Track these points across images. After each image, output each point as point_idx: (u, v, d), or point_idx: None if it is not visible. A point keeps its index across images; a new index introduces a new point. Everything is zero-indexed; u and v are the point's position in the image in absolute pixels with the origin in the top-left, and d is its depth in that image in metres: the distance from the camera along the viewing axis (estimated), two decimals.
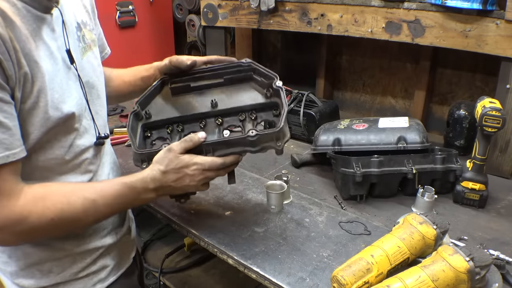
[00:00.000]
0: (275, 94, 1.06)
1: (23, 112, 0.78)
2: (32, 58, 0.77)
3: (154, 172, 0.92)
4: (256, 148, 0.96)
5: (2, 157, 0.73)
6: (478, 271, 0.81)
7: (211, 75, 1.13)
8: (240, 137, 0.96)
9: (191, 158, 0.93)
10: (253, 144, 0.96)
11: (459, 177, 1.26)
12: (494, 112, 1.15)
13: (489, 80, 1.66)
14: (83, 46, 0.97)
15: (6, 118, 0.73)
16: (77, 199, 0.83)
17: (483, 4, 1.28)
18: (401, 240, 0.91)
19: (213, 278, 1.86)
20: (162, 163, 0.92)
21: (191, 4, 2.42)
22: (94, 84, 1.00)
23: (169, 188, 0.94)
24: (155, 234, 2.13)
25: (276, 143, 0.96)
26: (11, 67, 0.73)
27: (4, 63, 0.71)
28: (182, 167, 0.92)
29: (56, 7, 0.86)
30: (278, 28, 1.81)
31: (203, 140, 0.94)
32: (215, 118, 1.10)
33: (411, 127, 1.35)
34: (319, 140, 1.43)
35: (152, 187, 0.91)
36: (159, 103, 1.12)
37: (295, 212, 1.23)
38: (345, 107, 2.15)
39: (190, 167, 0.92)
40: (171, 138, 1.09)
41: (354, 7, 1.57)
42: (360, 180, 1.22)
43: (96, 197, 0.86)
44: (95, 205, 0.85)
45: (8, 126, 0.74)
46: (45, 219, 0.79)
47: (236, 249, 1.06)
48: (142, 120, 1.08)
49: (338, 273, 0.86)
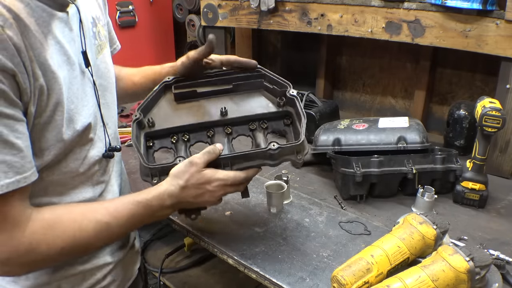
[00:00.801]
0: (289, 103, 1.02)
1: (37, 127, 0.72)
2: (49, 68, 0.70)
3: (173, 187, 0.85)
4: (275, 162, 0.92)
5: (13, 182, 0.67)
6: (478, 271, 0.81)
7: (218, 81, 1.06)
8: (261, 150, 0.91)
9: (213, 173, 0.88)
10: (273, 158, 0.91)
11: (459, 177, 1.26)
12: (494, 112, 1.15)
13: (489, 80, 1.66)
14: (99, 43, 0.91)
15: (18, 138, 0.67)
16: (89, 223, 0.77)
17: (483, 4, 1.28)
18: (401, 240, 0.91)
19: (213, 278, 1.86)
20: (183, 177, 0.86)
21: (191, 4, 2.42)
22: (108, 86, 0.94)
23: (186, 204, 0.89)
24: (155, 234, 2.13)
25: (297, 156, 0.93)
26: (26, 79, 0.66)
27: (19, 76, 0.65)
28: (204, 183, 0.87)
29: (73, 3, 0.78)
30: (278, 28, 1.81)
31: (222, 150, 0.90)
32: (224, 127, 1.02)
33: (411, 127, 1.35)
34: (319, 140, 1.43)
35: (169, 203, 0.86)
36: (162, 109, 1.03)
37: (295, 212, 1.23)
38: (345, 107, 2.15)
39: (212, 183, 0.87)
40: (176, 149, 1.01)
41: (354, 7, 1.57)
42: (360, 180, 1.22)
43: (110, 219, 0.80)
44: (108, 228, 0.80)
45: (19, 147, 0.67)
46: (55, 248, 0.74)
47: (236, 249, 1.06)
48: (145, 128, 0.99)
49: (338, 273, 0.86)
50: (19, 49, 0.65)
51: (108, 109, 0.94)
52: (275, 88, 1.04)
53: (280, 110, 1.03)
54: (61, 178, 0.81)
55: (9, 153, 0.66)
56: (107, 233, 0.81)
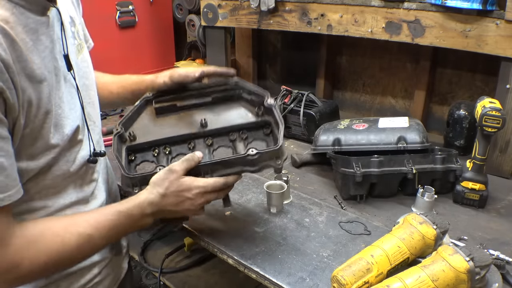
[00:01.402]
0: (267, 112, 1.04)
1: (27, 136, 0.72)
2: (35, 79, 0.71)
3: (152, 195, 0.86)
4: (255, 168, 0.94)
5: None
6: (478, 271, 0.81)
7: (198, 94, 1.08)
8: (240, 156, 0.93)
9: (193, 180, 0.88)
10: (253, 164, 0.93)
11: (459, 177, 1.26)
12: (494, 112, 1.15)
13: (489, 80, 1.66)
14: (78, 43, 0.91)
15: (2, 157, 0.66)
16: (71, 237, 0.77)
17: (483, 4, 1.28)
18: (401, 240, 0.91)
19: (213, 278, 1.86)
20: (162, 185, 0.87)
21: (191, 4, 2.42)
22: (90, 84, 0.94)
23: (167, 212, 0.89)
24: (155, 234, 2.13)
25: (276, 162, 0.94)
26: (14, 95, 0.66)
27: (7, 93, 0.65)
28: (183, 190, 0.87)
29: (54, 6, 0.78)
30: (278, 28, 1.81)
31: (202, 158, 0.91)
32: (205, 139, 1.05)
33: (411, 127, 1.35)
34: (319, 140, 1.43)
35: (149, 211, 0.86)
36: (144, 123, 1.05)
37: (295, 212, 1.23)
38: (345, 107, 2.15)
39: (192, 191, 0.88)
40: (158, 162, 1.02)
41: (354, 7, 1.57)
42: (360, 180, 1.22)
43: (92, 231, 0.79)
44: (91, 240, 0.79)
45: (3, 166, 0.66)
46: (37, 263, 0.73)
47: (236, 249, 1.06)
48: (126, 142, 1.01)
49: (338, 273, 0.86)
50: (7, 65, 0.65)
51: (93, 107, 0.95)
52: (252, 99, 1.06)
53: (259, 120, 1.05)
54: (54, 180, 0.81)
55: None
56: (89, 245, 0.80)
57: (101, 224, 0.81)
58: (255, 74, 2.39)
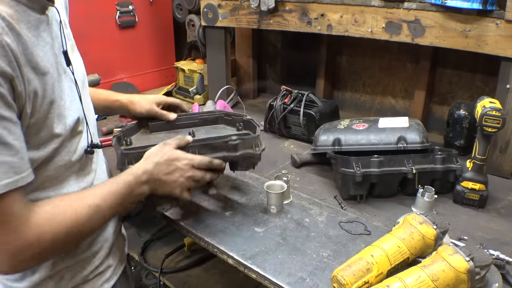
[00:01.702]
0: (246, 125, 1.23)
1: (33, 126, 0.76)
2: (40, 71, 0.75)
3: (146, 164, 0.96)
4: (236, 154, 1.08)
5: (12, 182, 0.70)
6: (478, 271, 0.81)
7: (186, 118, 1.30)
8: (223, 140, 1.08)
9: (182, 153, 1.01)
10: (235, 149, 1.08)
11: (459, 177, 1.26)
12: (494, 112, 1.15)
13: (489, 80, 1.66)
14: (72, 43, 0.96)
15: (15, 140, 0.71)
16: (83, 209, 0.83)
17: (483, 4, 1.28)
18: (401, 240, 0.91)
19: (213, 278, 1.86)
20: (156, 155, 0.98)
21: (191, 4, 2.42)
22: (84, 82, 0.99)
23: (160, 182, 0.97)
24: (155, 234, 2.13)
25: (255, 149, 1.10)
26: (22, 83, 0.71)
27: (15, 81, 0.69)
28: (174, 160, 0.98)
29: (53, 6, 0.83)
30: (278, 28, 1.81)
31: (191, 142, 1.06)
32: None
33: (411, 127, 1.35)
34: (319, 140, 1.43)
35: (144, 179, 0.94)
36: (139, 136, 1.24)
37: (295, 212, 1.23)
38: (345, 107, 2.15)
39: (181, 161, 0.99)
40: None
41: (354, 7, 1.57)
42: (360, 180, 1.22)
43: (99, 202, 0.86)
44: (99, 210, 0.86)
45: (17, 148, 0.71)
46: (59, 235, 0.79)
47: (236, 249, 1.06)
48: (123, 145, 1.13)
49: (338, 273, 0.86)
50: (16, 55, 0.69)
51: (88, 104, 1.00)
52: (234, 118, 1.28)
53: (240, 132, 1.18)
54: (57, 171, 0.85)
55: (8, 154, 0.70)
56: (98, 216, 0.86)
57: (105, 194, 0.88)
58: (255, 74, 2.39)
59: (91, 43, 2.12)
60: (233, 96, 2.13)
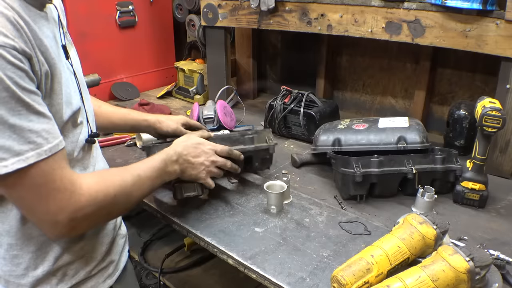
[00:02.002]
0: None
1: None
2: (49, 56, 0.78)
3: (176, 147, 1.10)
4: (252, 146, 1.28)
5: (54, 146, 0.75)
6: (478, 271, 0.81)
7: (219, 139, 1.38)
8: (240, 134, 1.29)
9: (206, 140, 1.18)
10: (251, 141, 1.28)
11: (459, 177, 1.26)
12: (494, 112, 1.15)
13: (489, 80, 1.66)
14: (69, 41, 0.98)
15: (44, 108, 0.75)
16: (127, 177, 0.92)
17: (483, 4, 1.28)
18: (401, 240, 0.91)
19: (213, 278, 1.86)
20: (184, 141, 1.13)
21: (191, 4, 2.42)
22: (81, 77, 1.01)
23: (188, 163, 1.10)
24: (155, 234, 2.13)
25: (269, 141, 1.30)
26: (37, 64, 0.74)
27: (33, 60, 0.73)
28: (200, 144, 1.14)
29: (51, 3, 0.87)
30: (278, 28, 1.80)
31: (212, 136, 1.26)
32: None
33: (411, 127, 1.35)
34: (319, 140, 1.43)
35: (175, 158, 1.08)
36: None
37: (295, 212, 1.23)
38: (345, 107, 2.15)
39: (206, 146, 1.15)
40: None
41: (354, 7, 1.57)
42: (360, 180, 1.22)
43: (140, 172, 0.96)
44: (140, 179, 0.95)
45: (49, 116, 0.76)
46: (110, 196, 0.85)
47: (236, 249, 1.06)
48: None
49: (338, 273, 0.86)
50: (29, 38, 0.73)
51: (86, 96, 1.02)
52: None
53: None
54: None
55: (44, 122, 0.74)
56: (139, 184, 0.95)
57: (144, 167, 0.99)
58: (255, 74, 2.39)
59: (91, 43, 2.12)
60: (233, 96, 2.13)
